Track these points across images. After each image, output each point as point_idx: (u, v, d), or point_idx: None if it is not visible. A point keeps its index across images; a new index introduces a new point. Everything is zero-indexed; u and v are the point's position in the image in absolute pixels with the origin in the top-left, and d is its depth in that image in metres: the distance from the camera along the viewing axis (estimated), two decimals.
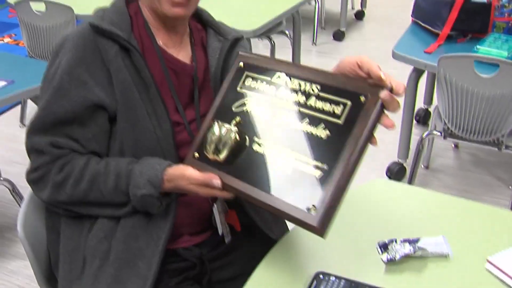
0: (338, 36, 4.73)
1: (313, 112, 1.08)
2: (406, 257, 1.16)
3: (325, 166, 1.01)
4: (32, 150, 1.25)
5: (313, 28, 4.61)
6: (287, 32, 3.54)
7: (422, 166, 2.90)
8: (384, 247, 1.18)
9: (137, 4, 1.31)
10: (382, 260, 1.16)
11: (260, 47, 4.41)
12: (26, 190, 1.36)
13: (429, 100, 3.28)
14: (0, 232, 2.47)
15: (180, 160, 1.25)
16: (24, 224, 1.33)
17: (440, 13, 2.50)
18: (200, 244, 1.35)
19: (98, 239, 1.26)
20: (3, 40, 4.98)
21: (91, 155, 1.25)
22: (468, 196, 2.64)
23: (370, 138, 1.00)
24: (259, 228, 1.37)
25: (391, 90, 0.98)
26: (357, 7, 5.33)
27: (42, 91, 1.28)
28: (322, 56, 4.48)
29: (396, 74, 2.52)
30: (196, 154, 1.21)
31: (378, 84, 1.01)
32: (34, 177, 1.26)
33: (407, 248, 1.17)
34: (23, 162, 2.64)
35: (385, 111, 1.00)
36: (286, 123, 1.11)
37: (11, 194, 2.24)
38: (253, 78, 1.20)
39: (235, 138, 1.14)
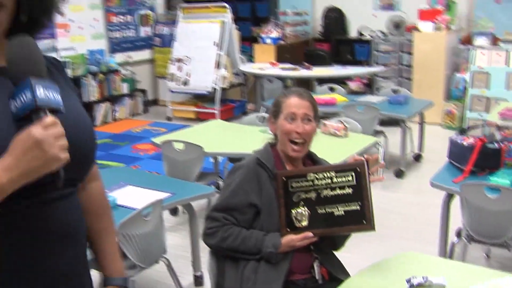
0: (399, 174, 5.72)
1: (338, 184, 2.25)
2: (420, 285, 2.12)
3: (359, 203, 2.21)
4: (211, 218, 2.37)
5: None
6: None
7: None
8: (408, 280, 2.15)
9: (276, 148, 2.44)
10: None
11: None
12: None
13: None
14: None
15: None
16: (209, 268, 2.39)
17: (465, 155, 3.49)
18: (304, 279, 2.35)
19: (249, 272, 2.30)
20: None
21: (241, 227, 2.33)
22: None
23: (370, 183, 2.25)
24: (335, 276, 2.38)
25: (367, 160, 2.24)
26: (417, 151, 6.37)
27: (222, 190, 2.40)
28: (385, 189, 5.45)
29: (437, 198, 3.57)
30: (288, 230, 2.32)
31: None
32: (209, 232, 2.36)
33: (421, 280, 2.13)
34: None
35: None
36: (329, 194, 2.27)
37: (168, 269, 3.26)
38: (296, 181, 2.33)
39: (308, 211, 2.28)
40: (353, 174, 2.27)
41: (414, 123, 6.30)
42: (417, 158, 6.26)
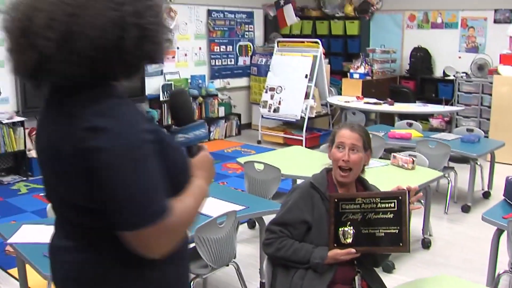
0: (465, 209, 5.75)
1: (382, 209, 2.44)
2: None
3: (397, 227, 2.39)
4: (269, 230, 2.65)
5: (445, 200, 5.76)
6: (421, 201, 4.73)
7: None
8: None
9: (332, 173, 2.70)
10: None
11: None
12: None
13: None
14: None
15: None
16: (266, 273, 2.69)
17: None
18: None
19: (298, 279, 2.57)
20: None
21: (294, 240, 2.60)
22: None
23: (409, 211, 2.41)
24: None
25: (409, 190, 2.40)
26: (486, 188, 6.36)
27: (281, 207, 2.69)
28: (451, 222, 5.51)
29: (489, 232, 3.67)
30: (335, 245, 2.55)
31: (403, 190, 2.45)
32: (267, 242, 2.65)
33: None
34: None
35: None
36: (373, 217, 2.47)
37: (236, 272, 3.56)
38: (345, 204, 2.56)
39: (353, 230, 2.50)
40: (396, 201, 2.48)
41: (487, 161, 6.33)
42: (486, 195, 6.26)
